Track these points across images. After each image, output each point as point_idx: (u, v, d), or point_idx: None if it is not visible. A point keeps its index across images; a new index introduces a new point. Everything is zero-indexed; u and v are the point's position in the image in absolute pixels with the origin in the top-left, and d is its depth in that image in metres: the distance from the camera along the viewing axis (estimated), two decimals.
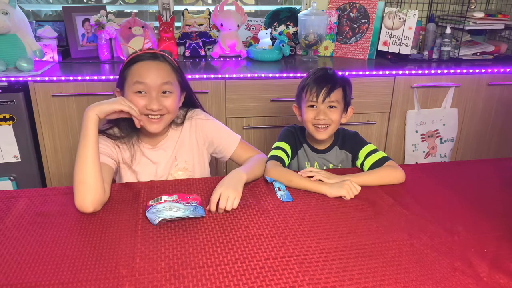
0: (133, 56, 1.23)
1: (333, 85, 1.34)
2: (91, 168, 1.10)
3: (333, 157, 1.43)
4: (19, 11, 2.06)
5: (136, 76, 1.20)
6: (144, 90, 1.20)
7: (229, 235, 0.99)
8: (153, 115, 1.22)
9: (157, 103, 1.20)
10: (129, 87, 1.21)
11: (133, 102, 1.20)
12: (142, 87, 1.20)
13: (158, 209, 1.04)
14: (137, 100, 1.20)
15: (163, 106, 1.22)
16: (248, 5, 2.82)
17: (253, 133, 2.13)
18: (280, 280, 0.83)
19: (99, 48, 2.25)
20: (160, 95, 1.22)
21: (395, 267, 0.88)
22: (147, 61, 1.22)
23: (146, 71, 1.20)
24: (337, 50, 2.49)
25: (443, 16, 2.57)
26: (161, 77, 1.21)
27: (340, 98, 1.36)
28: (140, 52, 1.24)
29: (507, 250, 0.95)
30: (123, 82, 1.23)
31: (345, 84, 1.38)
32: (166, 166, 1.34)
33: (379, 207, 1.13)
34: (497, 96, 2.29)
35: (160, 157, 1.33)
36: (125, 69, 1.23)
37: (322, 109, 1.34)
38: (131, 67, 1.21)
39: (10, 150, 1.94)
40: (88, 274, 0.84)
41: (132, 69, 1.21)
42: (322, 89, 1.33)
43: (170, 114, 1.26)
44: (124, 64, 1.24)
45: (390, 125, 2.23)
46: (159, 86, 1.21)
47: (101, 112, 1.13)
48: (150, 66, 1.21)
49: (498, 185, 1.28)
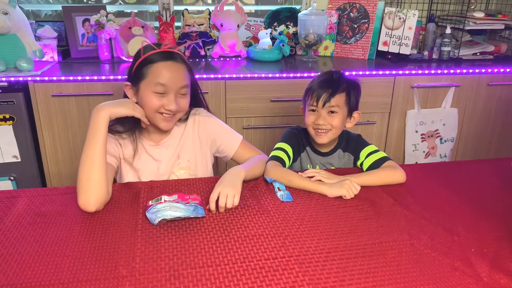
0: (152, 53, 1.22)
1: (334, 90, 1.33)
2: (98, 168, 1.10)
3: (336, 160, 1.43)
4: (19, 11, 2.06)
5: (158, 77, 1.20)
6: (164, 90, 1.21)
7: (229, 235, 0.99)
8: (168, 114, 1.24)
9: (175, 104, 1.22)
10: (148, 86, 1.21)
11: (150, 100, 1.21)
12: (163, 88, 1.20)
13: (158, 209, 1.04)
14: (155, 100, 1.21)
15: (179, 106, 1.24)
16: (248, 5, 2.82)
17: (253, 133, 2.13)
18: (280, 280, 0.83)
19: (99, 48, 2.25)
20: (178, 96, 1.24)
21: (395, 267, 0.88)
22: (167, 62, 1.21)
23: (168, 73, 1.20)
24: (337, 50, 2.49)
25: (443, 16, 2.57)
26: (181, 80, 1.23)
27: (342, 103, 1.34)
28: (158, 49, 1.22)
29: (507, 250, 0.95)
30: (139, 79, 1.22)
31: (350, 88, 1.36)
32: (169, 164, 1.34)
33: (379, 207, 1.13)
34: (497, 96, 2.29)
35: (162, 155, 1.33)
36: (143, 66, 1.21)
37: (323, 114, 1.34)
38: (152, 66, 1.21)
39: (10, 150, 1.94)
40: (88, 274, 0.84)
41: (153, 69, 1.20)
42: (323, 94, 1.33)
43: (182, 112, 1.29)
44: (141, 60, 1.22)
45: (390, 125, 2.23)
46: (178, 89, 1.23)
47: (114, 114, 1.15)
48: (171, 68, 1.21)
49: (498, 185, 1.28)
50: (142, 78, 1.21)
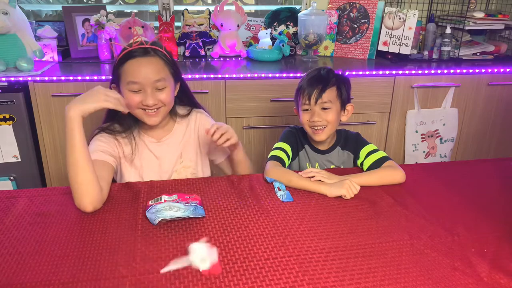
0: (125, 52, 1.22)
1: (324, 85, 1.33)
2: (83, 170, 1.08)
3: (335, 158, 1.43)
4: (19, 11, 2.06)
5: (129, 75, 1.20)
6: (139, 88, 1.21)
7: (229, 235, 0.99)
8: (149, 109, 1.23)
9: (152, 98, 1.22)
10: (123, 85, 1.22)
11: (128, 98, 1.21)
12: (136, 86, 1.21)
13: (158, 209, 1.04)
14: (132, 97, 1.22)
15: (158, 100, 1.24)
16: (248, 5, 2.82)
17: (253, 133, 2.13)
18: (280, 280, 0.83)
19: (99, 48, 2.25)
20: (154, 90, 1.23)
21: (395, 267, 0.88)
22: (138, 59, 1.21)
23: (138, 70, 1.20)
24: (337, 50, 2.49)
25: (443, 16, 2.57)
26: (154, 74, 1.21)
27: (333, 97, 1.35)
28: (130, 48, 1.22)
29: (507, 250, 0.95)
30: (118, 80, 1.24)
31: (340, 82, 1.37)
32: (171, 162, 1.35)
33: (379, 207, 1.13)
34: (497, 96, 2.29)
35: (164, 152, 1.34)
36: (118, 66, 1.23)
37: (316, 111, 1.34)
38: (124, 65, 1.22)
39: (10, 150, 1.94)
40: (88, 274, 0.84)
41: (125, 68, 1.21)
42: (313, 91, 1.33)
43: (166, 106, 1.27)
44: (116, 61, 1.24)
45: (390, 125, 2.23)
46: (152, 83, 1.22)
47: (86, 111, 1.10)
48: (142, 64, 1.21)
49: (498, 185, 1.28)
50: (119, 79, 1.23)
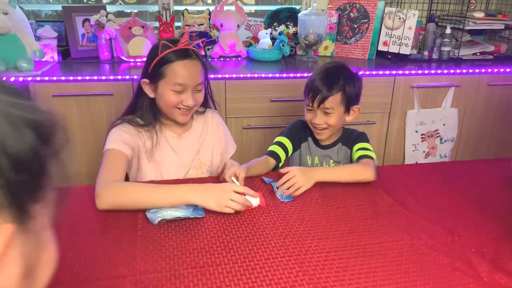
0: (169, 51, 1.24)
1: (329, 90, 1.32)
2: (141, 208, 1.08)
3: (334, 154, 1.44)
4: (19, 11, 2.06)
5: (177, 77, 1.24)
6: (183, 89, 1.26)
7: (229, 235, 0.99)
8: (185, 108, 1.28)
9: (193, 99, 1.28)
10: (167, 85, 1.25)
11: (169, 98, 1.25)
12: (181, 87, 1.25)
13: (158, 209, 1.04)
14: (173, 97, 1.26)
15: (195, 101, 1.29)
16: (248, 5, 2.82)
17: (253, 133, 2.13)
18: (280, 280, 0.83)
19: (99, 48, 2.25)
20: (194, 92, 1.29)
21: (395, 267, 0.88)
22: (184, 61, 1.24)
23: (186, 72, 1.25)
24: (337, 50, 2.49)
25: (443, 16, 2.57)
26: (198, 77, 1.28)
27: (337, 103, 1.34)
28: (174, 48, 1.24)
29: (507, 250, 0.95)
30: (157, 78, 1.25)
31: (347, 85, 1.34)
32: (189, 157, 1.38)
33: (379, 207, 1.13)
34: (497, 96, 2.29)
35: (183, 148, 1.37)
36: (161, 65, 1.24)
37: (318, 114, 1.35)
38: (169, 66, 1.24)
39: None
40: (88, 274, 0.85)
41: (171, 69, 1.24)
42: (317, 95, 1.33)
43: (197, 106, 1.34)
44: (159, 59, 1.24)
45: (390, 125, 2.23)
46: (195, 86, 1.28)
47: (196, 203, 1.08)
48: (188, 67, 1.25)
49: (498, 185, 1.28)
50: (161, 77, 1.25)
